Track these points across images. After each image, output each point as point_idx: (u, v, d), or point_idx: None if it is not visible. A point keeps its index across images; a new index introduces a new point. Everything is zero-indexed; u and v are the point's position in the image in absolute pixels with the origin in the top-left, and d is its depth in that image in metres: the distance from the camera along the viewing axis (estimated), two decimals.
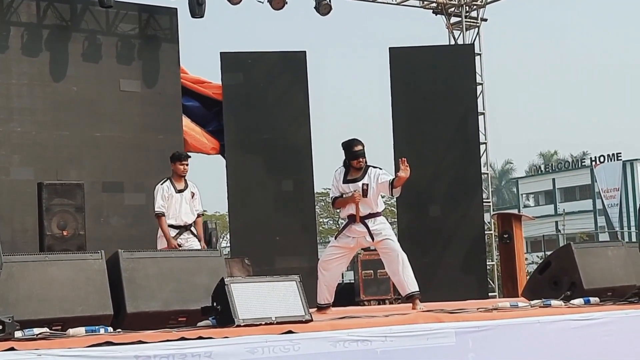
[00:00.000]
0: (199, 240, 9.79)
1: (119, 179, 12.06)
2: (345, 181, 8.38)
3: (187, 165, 9.85)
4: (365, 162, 8.38)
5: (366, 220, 8.31)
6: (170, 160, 9.93)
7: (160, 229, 9.65)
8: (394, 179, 8.25)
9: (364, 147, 8.38)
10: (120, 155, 12.12)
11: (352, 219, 8.35)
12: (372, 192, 8.29)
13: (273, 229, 12.95)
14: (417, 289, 8.28)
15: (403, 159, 8.27)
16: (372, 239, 8.30)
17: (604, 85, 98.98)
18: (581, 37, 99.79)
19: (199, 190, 9.98)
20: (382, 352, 5.79)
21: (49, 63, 11.80)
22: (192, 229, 9.83)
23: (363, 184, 8.25)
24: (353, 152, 8.34)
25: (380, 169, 8.45)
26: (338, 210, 8.81)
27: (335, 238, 8.52)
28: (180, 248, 9.48)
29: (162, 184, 9.75)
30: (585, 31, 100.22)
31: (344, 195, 8.36)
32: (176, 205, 9.69)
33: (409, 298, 8.27)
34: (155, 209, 9.65)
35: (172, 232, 9.63)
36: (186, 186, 9.84)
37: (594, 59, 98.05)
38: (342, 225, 8.62)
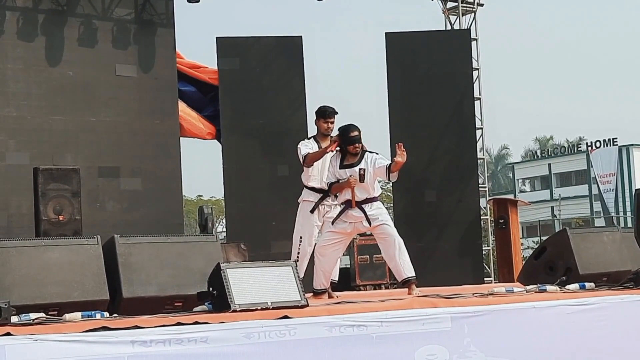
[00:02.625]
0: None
1: (114, 163, 12.05)
2: (342, 166, 8.37)
3: (332, 122, 8.71)
4: (362, 147, 8.39)
5: (363, 205, 8.30)
6: (315, 116, 8.91)
7: (314, 157, 8.63)
8: (391, 164, 8.25)
9: (360, 132, 8.37)
10: (116, 140, 12.11)
11: (348, 204, 8.35)
12: (369, 177, 8.29)
13: (269, 214, 12.94)
14: (414, 274, 8.29)
15: (400, 144, 8.27)
16: (369, 224, 8.29)
17: (600, 70, 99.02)
18: (577, 23, 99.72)
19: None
20: (377, 337, 5.81)
21: (44, 48, 11.76)
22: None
23: (360, 169, 8.26)
24: (349, 138, 8.33)
25: (377, 153, 8.44)
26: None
27: (332, 223, 8.50)
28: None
29: (306, 139, 8.88)
30: (582, 17, 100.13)
31: (340, 181, 8.36)
32: (319, 165, 8.74)
33: (405, 283, 8.28)
34: (302, 154, 8.68)
35: (314, 198, 8.79)
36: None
37: (590, 44, 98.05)
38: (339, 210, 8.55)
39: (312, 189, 8.89)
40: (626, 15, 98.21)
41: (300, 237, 8.92)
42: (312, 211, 8.84)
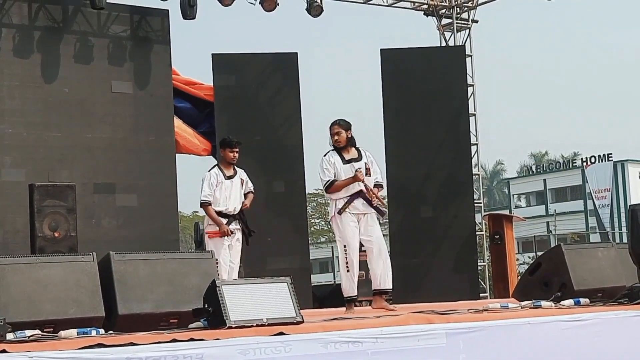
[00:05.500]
0: (243, 224, 9.47)
1: (110, 180, 12.05)
2: (346, 162, 8.49)
3: (237, 152, 9.42)
4: (348, 137, 8.50)
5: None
6: (219, 146, 9.61)
7: (209, 217, 9.29)
8: (378, 184, 8.59)
9: (343, 125, 8.55)
10: (111, 157, 12.12)
11: (355, 196, 8.41)
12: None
13: (264, 230, 12.89)
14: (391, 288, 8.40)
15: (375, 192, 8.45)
16: (381, 213, 8.45)
17: (594, 86, 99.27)
18: (571, 38, 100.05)
19: (247, 176, 9.67)
20: (373, 353, 5.81)
21: (40, 64, 11.79)
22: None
23: (365, 164, 8.46)
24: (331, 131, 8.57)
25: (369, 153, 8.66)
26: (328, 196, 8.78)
27: (340, 213, 8.44)
28: (232, 235, 9.26)
29: (210, 171, 9.42)
30: (575, 33, 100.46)
31: (343, 177, 8.42)
32: (226, 192, 9.34)
33: (382, 294, 8.44)
34: (201, 199, 9.31)
35: (222, 221, 9.31)
36: (235, 173, 9.53)
37: (584, 60, 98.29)
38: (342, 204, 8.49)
39: (219, 213, 9.28)
40: (620, 32, 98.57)
41: (217, 260, 8.79)
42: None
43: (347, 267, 8.53)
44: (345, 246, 8.52)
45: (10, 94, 11.55)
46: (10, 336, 5.14)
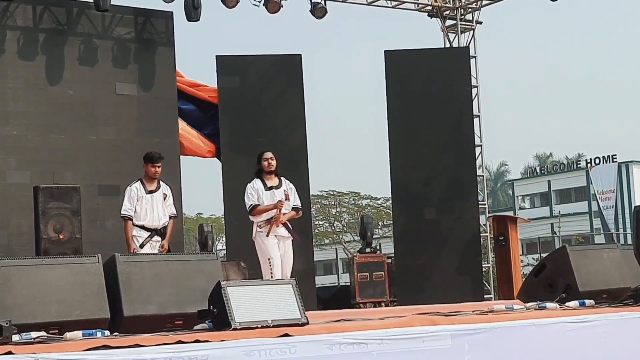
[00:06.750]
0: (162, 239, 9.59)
1: (114, 182, 12.05)
2: (268, 188, 9.46)
3: (159, 167, 9.59)
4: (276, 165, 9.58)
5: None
6: (143, 161, 9.74)
7: (125, 232, 9.48)
8: (295, 207, 9.59)
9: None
10: (115, 159, 12.13)
11: (274, 221, 9.35)
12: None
13: None
14: None
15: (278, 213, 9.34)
16: (292, 234, 9.45)
17: (598, 87, 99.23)
18: (576, 40, 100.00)
19: (172, 193, 9.82)
20: (378, 354, 5.80)
21: (45, 66, 11.82)
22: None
23: (285, 190, 9.45)
24: (263, 157, 9.65)
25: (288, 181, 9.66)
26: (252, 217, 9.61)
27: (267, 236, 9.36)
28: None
29: (131, 185, 9.58)
30: (580, 33, 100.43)
31: (265, 202, 9.39)
32: (146, 206, 9.48)
33: None
34: (121, 212, 9.46)
35: (144, 234, 9.44)
36: (158, 187, 9.64)
37: (588, 61, 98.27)
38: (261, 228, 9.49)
39: (141, 227, 9.47)
40: (626, 33, 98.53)
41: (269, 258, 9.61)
42: (141, 246, 9.42)
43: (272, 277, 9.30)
44: (269, 259, 9.40)
45: (14, 96, 11.58)
46: (16, 338, 5.15)
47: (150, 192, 9.57)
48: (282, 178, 9.66)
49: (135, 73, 12.47)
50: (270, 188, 9.48)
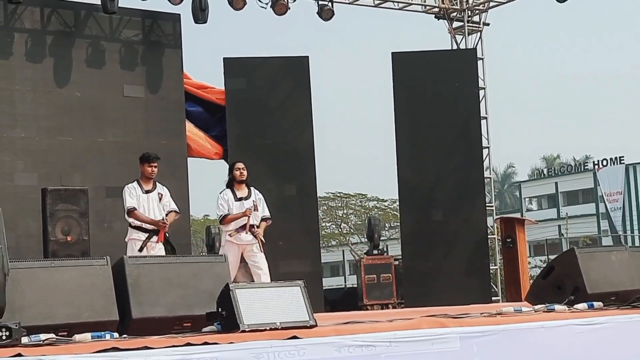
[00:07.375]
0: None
1: (122, 184, 11.96)
2: (237, 199, 10.00)
3: (155, 167, 9.66)
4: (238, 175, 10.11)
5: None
6: (139, 162, 9.79)
7: (138, 221, 9.49)
8: (265, 217, 10.21)
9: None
10: (123, 161, 12.11)
11: (242, 229, 9.90)
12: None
13: (276, 234, 12.90)
14: None
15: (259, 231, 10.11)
16: (261, 249, 9.97)
17: (606, 88, 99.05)
18: (583, 42, 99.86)
19: (169, 191, 9.87)
20: (386, 357, 5.80)
21: (52, 69, 11.83)
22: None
23: (253, 201, 10.03)
24: (235, 166, 10.14)
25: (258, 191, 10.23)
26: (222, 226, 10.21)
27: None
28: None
29: (128, 185, 9.66)
30: (587, 35, 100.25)
31: (234, 212, 9.94)
32: (143, 205, 9.57)
33: None
34: (127, 206, 9.50)
35: (142, 236, 9.49)
36: (154, 187, 9.72)
37: (596, 62, 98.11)
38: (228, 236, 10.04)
39: (139, 228, 9.57)
40: (634, 34, 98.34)
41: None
42: (140, 249, 9.44)
43: None
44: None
45: (22, 98, 11.59)
46: (25, 340, 5.16)
47: (147, 192, 9.67)
48: (252, 188, 10.25)
49: (142, 75, 12.48)
50: (240, 199, 10.08)
